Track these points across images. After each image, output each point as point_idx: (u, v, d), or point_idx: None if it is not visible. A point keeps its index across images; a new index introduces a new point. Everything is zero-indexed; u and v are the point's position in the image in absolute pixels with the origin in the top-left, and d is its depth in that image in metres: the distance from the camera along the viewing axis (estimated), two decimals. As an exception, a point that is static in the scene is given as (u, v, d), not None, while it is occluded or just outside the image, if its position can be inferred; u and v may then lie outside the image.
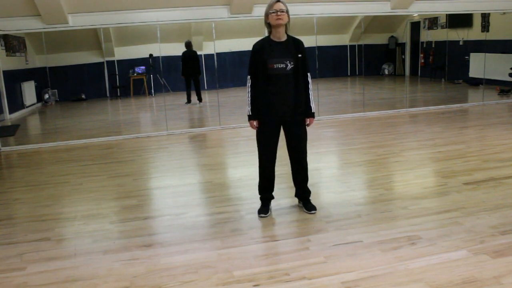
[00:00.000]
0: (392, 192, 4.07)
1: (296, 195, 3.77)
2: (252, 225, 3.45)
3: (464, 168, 4.62)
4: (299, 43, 3.44)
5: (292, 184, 3.74)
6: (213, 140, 6.95)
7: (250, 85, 3.48)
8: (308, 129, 3.58)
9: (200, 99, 10.59)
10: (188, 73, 10.58)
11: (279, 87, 3.38)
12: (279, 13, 3.29)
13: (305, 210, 3.66)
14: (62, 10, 6.66)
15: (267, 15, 3.38)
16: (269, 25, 3.41)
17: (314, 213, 3.61)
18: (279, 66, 3.34)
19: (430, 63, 12.14)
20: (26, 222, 3.76)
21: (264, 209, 3.65)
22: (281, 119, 3.46)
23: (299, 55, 3.39)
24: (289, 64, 3.35)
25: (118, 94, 12.16)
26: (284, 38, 3.41)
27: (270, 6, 3.35)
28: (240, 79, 11.77)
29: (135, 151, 6.29)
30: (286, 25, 3.39)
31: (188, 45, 10.54)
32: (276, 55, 3.35)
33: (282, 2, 3.34)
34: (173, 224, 3.58)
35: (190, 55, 10.53)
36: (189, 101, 10.59)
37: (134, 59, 12.01)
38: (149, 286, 2.63)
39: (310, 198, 3.73)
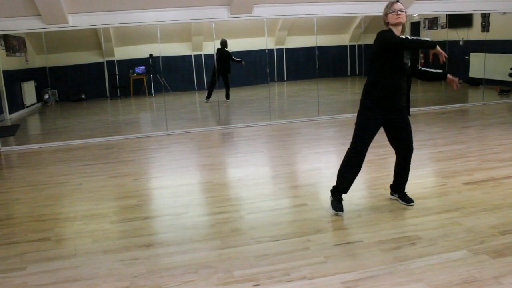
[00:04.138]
0: (392, 192, 4.06)
1: (392, 188, 3.77)
2: (252, 225, 3.45)
3: (464, 168, 4.62)
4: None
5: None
6: (213, 140, 6.95)
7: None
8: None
9: (227, 96, 10.45)
10: (219, 71, 10.49)
11: (401, 80, 3.49)
12: (399, 12, 3.38)
13: (402, 202, 3.68)
14: (62, 10, 6.65)
15: (386, 14, 3.46)
16: (387, 25, 3.49)
17: (412, 205, 3.62)
18: (405, 61, 3.47)
19: (430, 63, 12.12)
20: (26, 222, 3.76)
21: (340, 206, 3.59)
22: (389, 110, 3.52)
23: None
24: (408, 60, 3.49)
25: (118, 94, 12.16)
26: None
27: (390, 7, 3.43)
28: (240, 79, 11.78)
29: (135, 151, 6.29)
30: (403, 25, 3.47)
31: (223, 44, 10.38)
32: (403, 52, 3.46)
33: (400, 2, 3.43)
34: (173, 224, 3.57)
35: (223, 53, 10.37)
36: (209, 96, 10.55)
37: (134, 59, 12.01)
38: (149, 286, 2.63)
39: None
